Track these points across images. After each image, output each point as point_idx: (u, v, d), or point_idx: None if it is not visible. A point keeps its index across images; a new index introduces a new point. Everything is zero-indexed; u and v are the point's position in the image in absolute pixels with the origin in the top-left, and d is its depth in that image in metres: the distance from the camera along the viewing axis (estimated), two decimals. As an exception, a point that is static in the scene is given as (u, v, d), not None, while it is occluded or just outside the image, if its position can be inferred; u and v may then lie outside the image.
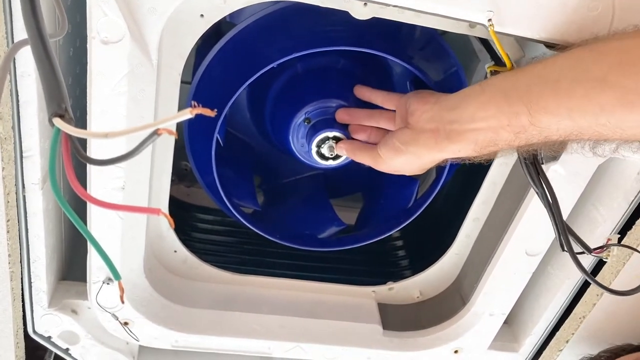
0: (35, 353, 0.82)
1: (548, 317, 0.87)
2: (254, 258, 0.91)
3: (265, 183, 0.93)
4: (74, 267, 0.80)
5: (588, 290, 0.82)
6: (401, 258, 0.99)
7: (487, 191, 0.78)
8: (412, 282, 0.87)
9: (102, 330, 0.78)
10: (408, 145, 0.59)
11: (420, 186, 0.84)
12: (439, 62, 0.72)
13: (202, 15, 0.59)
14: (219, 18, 0.59)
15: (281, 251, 0.86)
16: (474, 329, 0.85)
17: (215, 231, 0.96)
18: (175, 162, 0.70)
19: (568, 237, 0.65)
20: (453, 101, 0.56)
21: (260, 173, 0.91)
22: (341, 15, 0.58)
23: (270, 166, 0.90)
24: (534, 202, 0.70)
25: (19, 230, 0.66)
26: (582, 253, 0.68)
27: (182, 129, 0.74)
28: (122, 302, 0.70)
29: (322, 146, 0.71)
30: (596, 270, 0.78)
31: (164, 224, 0.77)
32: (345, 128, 0.70)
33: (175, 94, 0.63)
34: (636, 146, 0.52)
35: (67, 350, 0.81)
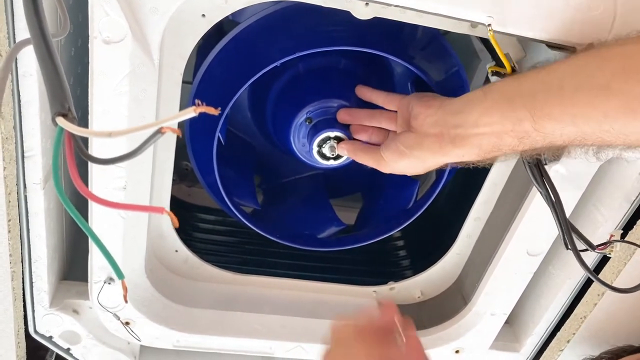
0: (36, 353, 0.82)
1: (549, 317, 0.87)
2: (255, 258, 0.91)
3: (264, 182, 0.93)
4: (75, 267, 0.80)
5: (589, 290, 0.82)
6: (402, 258, 0.99)
7: (489, 191, 0.78)
8: (413, 282, 0.87)
9: (104, 330, 0.78)
10: (412, 149, 0.59)
11: (420, 187, 0.84)
12: (441, 62, 0.72)
13: (204, 15, 0.59)
14: (221, 18, 0.59)
15: (282, 251, 0.86)
16: (475, 329, 0.85)
17: (216, 231, 0.96)
18: (176, 162, 0.70)
19: (572, 235, 0.65)
20: (457, 106, 0.56)
21: (260, 172, 0.91)
22: (343, 15, 0.58)
23: (270, 165, 0.90)
24: (536, 202, 0.70)
25: (21, 230, 0.66)
26: (586, 250, 0.68)
27: (183, 129, 0.74)
28: (126, 302, 0.70)
29: (324, 146, 0.71)
30: (598, 270, 0.78)
31: (165, 224, 0.77)
32: (346, 128, 0.70)
33: (176, 94, 0.63)
34: None
35: (69, 350, 0.80)
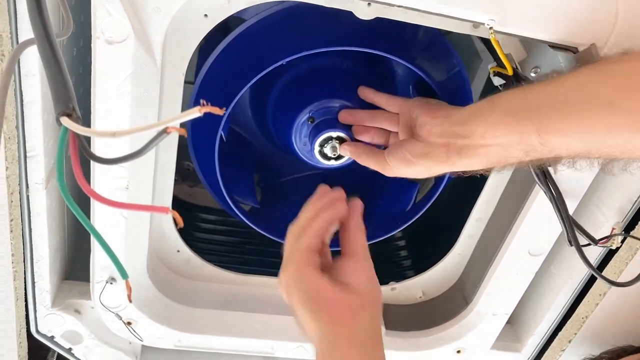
0: (38, 353, 0.82)
1: (551, 317, 0.87)
2: (257, 258, 0.91)
3: (263, 181, 0.93)
4: (77, 267, 0.80)
5: (591, 290, 0.82)
6: (404, 258, 0.99)
7: (490, 191, 0.78)
8: (415, 282, 0.87)
9: (105, 330, 0.78)
10: (419, 158, 0.59)
11: (420, 189, 0.84)
12: (442, 62, 0.72)
13: (206, 15, 0.59)
14: (223, 18, 0.59)
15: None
16: (477, 329, 0.85)
17: (217, 231, 0.96)
18: (178, 162, 0.70)
19: (574, 231, 0.65)
20: (463, 116, 0.56)
21: (259, 171, 0.91)
22: (345, 15, 0.58)
23: (269, 164, 0.90)
24: (537, 202, 0.70)
25: (23, 229, 0.66)
26: (588, 245, 0.68)
27: (186, 128, 0.73)
28: (130, 301, 0.69)
29: (325, 146, 0.71)
30: (601, 267, 0.78)
31: (167, 224, 0.77)
32: (348, 129, 0.70)
33: (178, 94, 0.63)
34: None
35: (70, 350, 0.81)
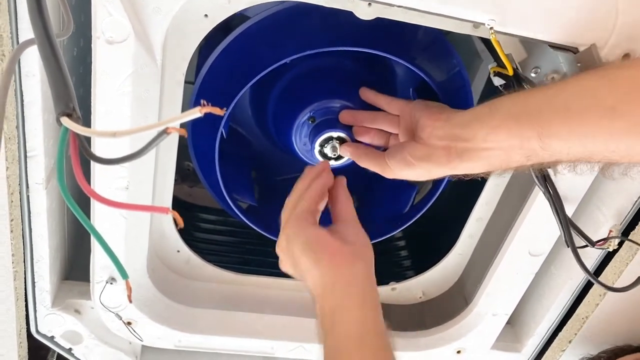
0: (38, 353, 0.82)
1: (551, 318, 0.87)
2: (257, 258, 0.91)
3: (261, 179, 0.92)
4: (77, 267, 0.80)
5: (591, 290, 0.82)
6: (404, 258, 0.99)
7: (490, 191, 0.78)
8: (415, 283, 0.87)
9: (105, 330, 0.78)
10: (420, 161, 0.59)
11: (419, 191, 0.84)
12: (442, 62, 0.72)
13: (206, 15, 0.59)
14: (223, 18, 0.59)
15: (284, 251, 0.86)
16: (477, 329, 0.85)
17: (217, 231, 0.96)
18: (178, 162, 0.70)
19: (571, 233, 0.65)
20: (464, 119, 0.56)
21: (257, 169, 0.91)
22: (345, 15, 0.58)
23: (267, 162, 0.89)
24: (537, 203, 0.70)
25: (23, 229, 0.66)
26: (586, 246, 0.68)
27: (186, 127, 0.73)
28: (130, 302, 0.69)
29: (325, 146, 0.71)
30: (600, 270, 0.78)
31: (167, 224, 0.77)
32: (349, 129, 0.70)
33: (179, 94, 0.63)
34: None
35: (70, 350, 0.81)
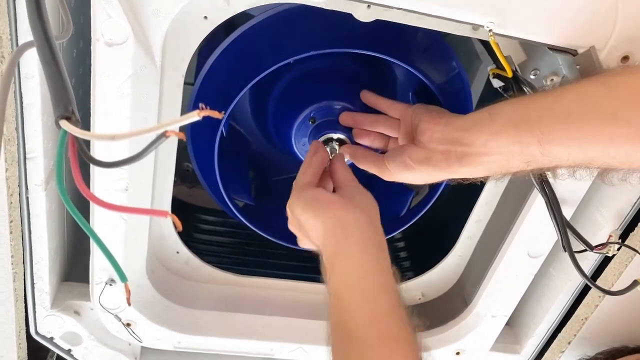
0: (37, 354, 0.82)
1: (550, 319, 0.87)
2: (256, 259, 0.91)
3: (258, 178, 0.92)
4: (77, 268, 0.80)
5: (590, 292, 0.82)
6: (403, 259, 0.99)
7: (490, 193, 0.78)
8: (414, 284, 0.87)
9: (105, 331, 0.78)
10: (419, 164, 0.59)
11: (418, 192, 0.84)
12: (442, 64, 0.72)
13: (206, 17, 0.59)
14: (223, 20, 0.59)
15: (283, 252, 0.86)
16: (476, 331, 0.85)
17: (217, 232, 0.95)
18: (177, 163, 0.70)
19: (568, 236, 0.65)
20: (465, 124, 0.56)
21: (254, 167, 0.91)
22: (344, 17, 0.58)
23: (265, 162, 0.89)
24: (536, 204, 0.70)
25: (22, 231, 0.66)
26: (585, 251, 0.68)
27: (185, 128, 0.73)
28: (129, 304, 0.69)
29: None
30: (599, 272, 0.78)
31: (167, 225, 0.77)
32: (349, 131, 0.70)
33: (178, 96, 0.63)
34: None
35: (70, 351, 0.80)
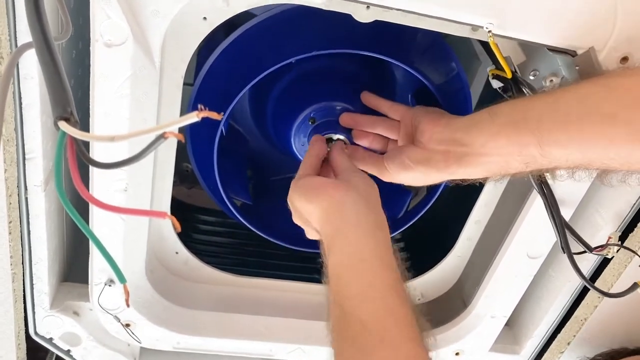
0: (36, 354, 0.82)
1: (549, 320, 0.87)
2: (256, 260, 0.91)
3: (256, 177, 0.92)
4: (76, 269, 0.80)
5: (589, 292, 0.82)
6: (402, 260, 0.99)
7: (489, 194, 0.78)
8: (414, 284, 0.87)
9: (104, 332, 0.78)
10: (418, 164, 0.59)
11: (418, 193, 0.83)
12: (441, 65, 0.72)
13: (205, 18, 0.59)
14: (222, 20, 0.59)
15: (282, 253, 0.86)
16: (475, 332, 0.85)
17: (216, 233, 0.95)
18: (176, 164, 0.70)
19: (567, 238, 0.65)
20: (464, 125, 0.56)
21: (252, 167, 0.91)
22: (343, 18, 0.58)
23: (263, 162, 0.89)
24: (536, 205, 0.70)
25: (21, 231, 0.66)
26: (584, 252, 0.68)
27: (184, 130, 0.73)
28: (128, 306, 0.69)
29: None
30: (598, 273, 0.78)
31: (166, 226, 0.77)
32: (348, 132, 0.70)
33: (177, 97, 0.63)
34: None
35: (69, 351, 0.80)
